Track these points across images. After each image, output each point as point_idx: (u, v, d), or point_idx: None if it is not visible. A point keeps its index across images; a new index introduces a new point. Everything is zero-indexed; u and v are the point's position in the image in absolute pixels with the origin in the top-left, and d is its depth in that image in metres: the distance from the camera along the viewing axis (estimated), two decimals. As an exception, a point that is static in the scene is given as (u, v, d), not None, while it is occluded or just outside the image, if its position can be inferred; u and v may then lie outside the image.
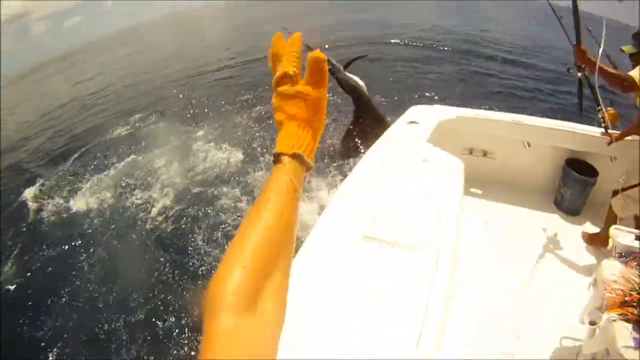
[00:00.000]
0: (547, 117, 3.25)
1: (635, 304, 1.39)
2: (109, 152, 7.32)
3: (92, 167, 6.76)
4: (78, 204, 5.66)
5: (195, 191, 5.31)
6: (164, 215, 4.94)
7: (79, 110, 12.20)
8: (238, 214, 4.63)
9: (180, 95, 10.09)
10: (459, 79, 9.17)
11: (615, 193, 2.50)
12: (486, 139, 3.17)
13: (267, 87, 8.80)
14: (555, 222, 2.94)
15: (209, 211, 4.82)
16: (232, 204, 4.86)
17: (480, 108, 3.39)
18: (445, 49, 12.29)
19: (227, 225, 4.52)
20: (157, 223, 4.85)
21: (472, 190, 3.11)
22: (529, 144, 3.11)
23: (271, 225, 0.45)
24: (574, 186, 2.89)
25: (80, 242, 4.83)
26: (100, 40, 46.35)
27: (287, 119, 0.55)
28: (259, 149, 6.02)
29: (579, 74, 2.63)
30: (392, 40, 13.73)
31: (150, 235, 4.67)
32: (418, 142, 2.41)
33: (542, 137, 3.01)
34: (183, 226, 4.66)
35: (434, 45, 12.85)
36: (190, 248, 4.29)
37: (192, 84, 11.68)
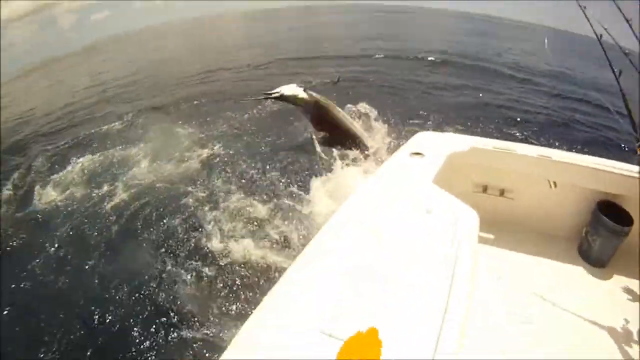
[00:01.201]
0: (578, 151, 2.81)
1: None
2: (94, 144, 7.34)
3: (73, 159, 6.68)
4: (48, 194, 5.63)
5: (159, 188, 5.19)
6: (119, 212, 4.81)
7: (85, 103, 12.34)
8: (195, 220, 4.42)
9: (181, 96, 10.16)
10: (473, 102, 8.27)
11: None
12: (504, 175, 2.74)
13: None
14: (579, 274, 2.50)
15: (167, 212, 4.64)
16: (193, 207, 4.65)
17: (497, 137, 2.86)
18: (460, 66, 11.92)
19: (180, 230, 4.29)
20: (112, 219, 4.71)
21: (482, 235, 2.57)
22: (555, 184, 2.67)
23: None
24: (605, 235, 2.45)
25: (38, 235, 4.72)
26: (124, 36, 48.16)
27: None
28: (235, 157, 5.86)
29: None
30: (403, 55, 13.54)
31: (103, 233, 4.52)
32: (422, 183, 2.02)
33: (571, 176, 2.56)
34: (136, 226, 4.49)
35: (448, 61, 12.55)
36: (142, 249, 4.11)
37: (196, 85, 11.79)
